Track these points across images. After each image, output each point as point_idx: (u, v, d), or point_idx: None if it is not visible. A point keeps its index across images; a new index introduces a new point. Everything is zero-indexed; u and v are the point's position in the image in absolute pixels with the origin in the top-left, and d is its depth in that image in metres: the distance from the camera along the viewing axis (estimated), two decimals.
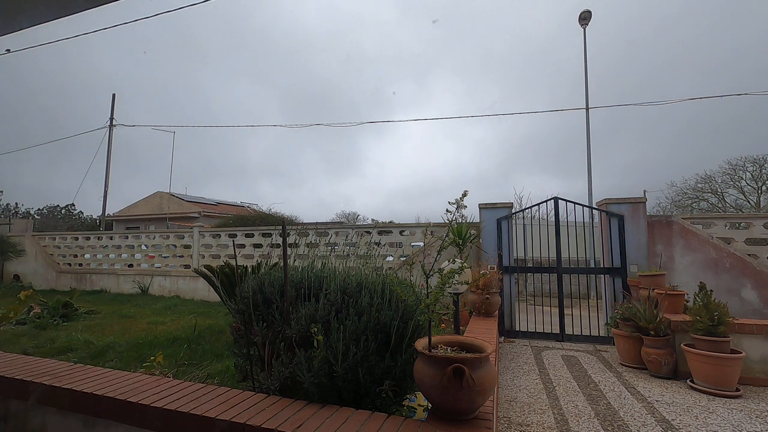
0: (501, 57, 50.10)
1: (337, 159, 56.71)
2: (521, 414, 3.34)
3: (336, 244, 8.61)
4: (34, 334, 5.78)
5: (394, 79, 49.57)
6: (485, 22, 43.80)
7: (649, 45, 34.84)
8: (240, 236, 10.20)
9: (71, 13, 2.05)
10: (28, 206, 31.81)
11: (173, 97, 56.65)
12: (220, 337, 5.40)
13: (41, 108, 46.84)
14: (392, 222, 9.08)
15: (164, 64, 50.64)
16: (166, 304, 8.90)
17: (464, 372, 1.48)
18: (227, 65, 55.79)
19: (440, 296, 1.83)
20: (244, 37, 58.57)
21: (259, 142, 65.74)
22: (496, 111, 33.06)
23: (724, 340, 3.82)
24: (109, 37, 37.17)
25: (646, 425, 3.11)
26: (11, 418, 2.13)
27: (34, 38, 11.07)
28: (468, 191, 1.92)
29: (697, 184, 19.45)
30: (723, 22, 33.11)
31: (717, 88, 38.16)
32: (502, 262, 6.49)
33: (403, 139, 57.36)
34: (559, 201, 6.34)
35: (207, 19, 51.90)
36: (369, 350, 1.91)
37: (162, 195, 23.25)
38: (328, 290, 2.22)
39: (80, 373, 2.18)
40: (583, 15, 11.02)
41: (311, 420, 1.60)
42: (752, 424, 3.11)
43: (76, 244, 12.49)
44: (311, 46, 56.41)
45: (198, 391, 1.90)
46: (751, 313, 5.76)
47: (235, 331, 2.41)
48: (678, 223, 6.36)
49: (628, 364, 4.67)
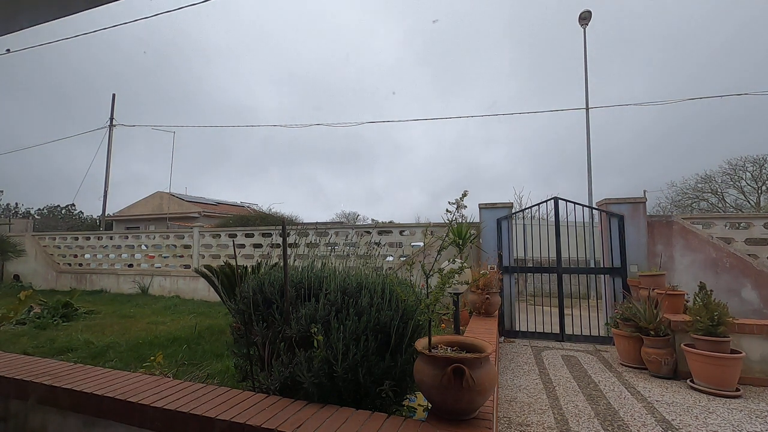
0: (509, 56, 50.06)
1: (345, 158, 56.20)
2: (521, 414, 3.34)
3: (336, 244, 8.61)
4: (34, 334, 5.78)
5: (394, 80, 49.51)
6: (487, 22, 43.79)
7: (649, 45, 34.87)
8: (240, 236, 10.20)
9: (71, 13, 2.05)
10: (28, 206, 31.86)
11: (173, 97, 56.66)
12: (220, 337, 5.40)
13: (41, 108, 46.89)
14: (392, 222, 9.08)
15: (164, 64, 50.66)
16: (166, 304, 8.90)
17: (464, 372, 1.48)
18: (227, 65, 55.78)
19: (440, 296, 1.83)
20: (245, 37, 58.59)
21: (259, 142, 65.74)
22: (495, 111, 33.06)
23: (724, 340, 3.82)
24: (109, 37, 37.16)
25: (646, 425, 3.11)
26: (11, 418, 2.13)
27: (34, 38, 11.08)
28: (468, 191, 1.92)
29: (697, 184, 19.44)
30: (723, 21, 33.13)
31: (717, 88, 38.18)
32: (502, 262, 6.49)
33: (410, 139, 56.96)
34: (559, 201, 6.34)
35: (207, 20, 51.92)
36: (369, 350, 1.91)
37: (162, 195, 23.24)
38: (328, 290, 2.22)
39: (80, 373, 2.18)
40: (583, 15, 11.02)
41: (311, 420, 1.60)
42: (752, 424, 3.11)
43: (76, 244, 12.49)
44: (311, 46, 56.43)
45: (198, 391, 1.90)
46: (751, 313, 5.76)
47: (235, 331, 2.42)
48: (678, 223, 6.36)
49: (628, 364, 4.67)
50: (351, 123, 16.37)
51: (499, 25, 49.53)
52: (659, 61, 33.72)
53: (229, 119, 72.97)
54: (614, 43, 34.30)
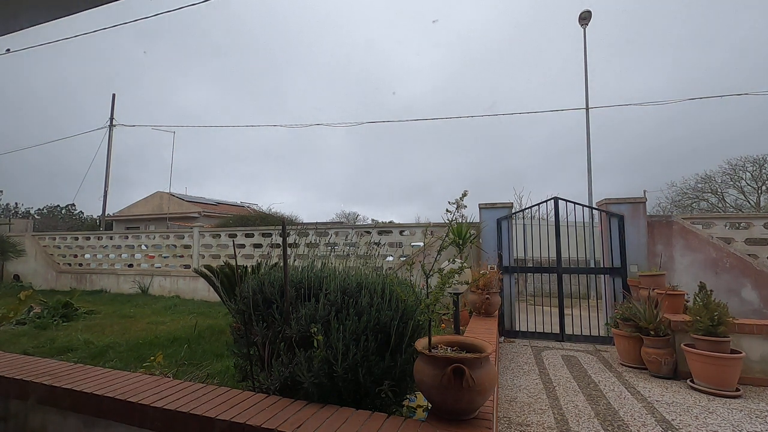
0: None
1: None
2: (521, 414, 3.34)
3: (336, 244, 8.61)
4: (34, 334, 5.78)
5: (395, 80, 49.42)
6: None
7: (649, 44, 34.86)
8: (240, 236, 10.20)
9: (71, 13, 2.05)
10: (28, 206, 31.87)
11: (174, 96, 56.65)
12: (220, 337, 5.40)
13: (41, 108, 46.88)
14: (392, 222, 9.08)
15: (164, 64, 50.64)
16: (166, 304, 8.90)
17: (464, 372, 1.48)
18: (229, 64, 55.73)
19: (440, 296, 1.83)
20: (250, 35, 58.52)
21: (261, 141, 65.71)
22: (495, 111, 33.01)
23: (724, 340, 3.82)
24: (110, 37, 37.19)
25: (646, 425, 3.11)
26: (11, 418, 2.13)
27: (34, 38, 11.07)
28: (468, 191, 1.92)
29: (697, 184, 19.43)
30: (722, 21, 33.12)
31: (717, 87, 38.17)
32: (502, 262, 6.49)
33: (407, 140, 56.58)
34: (559, 201, 6.34)
35: (206, 20, 51.87)
36: (369, 350, 1.90)
37: (162, 195, 23.24)
38: (328, 290, 2.22)
39: (80, 373, 2.18)
40: (583, 15, 11.02)
41: (311, 420, 1.60)
42: (752, 424, 3.11)
43: (76, 244, 12.49)
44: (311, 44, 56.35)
45: (198, 391, 1.90)
46: (751, 313, 5.76)
47: (235, 331, 2.42)
48: (678, 223, 6.35)
49: (628, 364, 4.67)
50: (351, 123, 16.35)
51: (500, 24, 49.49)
52: (659, 61, 33.74)
53: (227, 119, 72.81)
54: (614, 43, 34.32)
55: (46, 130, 43.58)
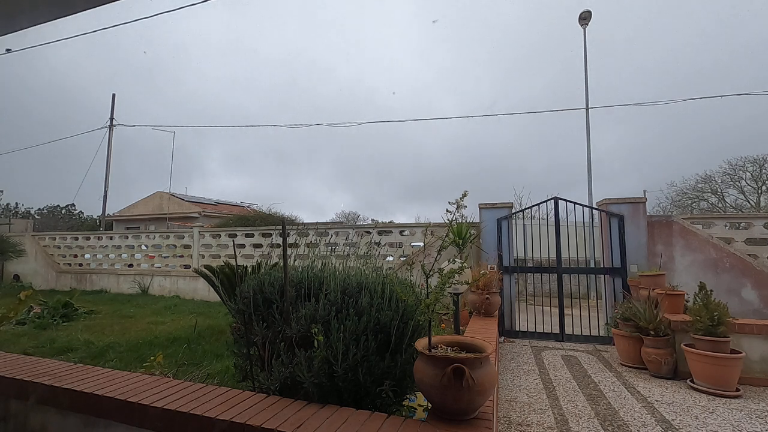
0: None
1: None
2: (521, 414, 3.34)
3: (336, 244, 8.60)
4: (34, 334, 5.78)
5: (395, 80, 49.42)
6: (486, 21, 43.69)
7: (648, 44, 34.87)
8: (240, 236, 10.20)
9: (71, 13, 2.05)
10: (28, 206, 31.84)
11: (173, 97, 56.63)
12: (220, 337, 5.40)
13: (41, 108, 46.88)
14: (392, 222, 9.08)
15: (164, 63, 50.62)
16: (166, 304, 8.90)
17: (464, 372, 1.48)
18: (229, 64, 55.73)
19: (440, 296, 1.83)
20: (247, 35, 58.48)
21: (261, 142, 65.67)
22: (495, 111, 33.02)
23: (724, 340, 3.82)
24: (110, 37, 37.15)
25: (646, 425, 3.11)
26: (11, 418, 2.13)
27: (34, 38, 11.08)
28: (467, 191, 1.92)
29: (697, 184, 19.43)
30: (723, 21, 33.10)
31: (717, 87, 38.15)
32: (502, 262, 6.49)
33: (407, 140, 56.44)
34: (559, 201, 6.34)
35: (206, 19, 51.88)
36: (369, 350, 1.91)
37: (162, 195, 23.24)
38: (328, 290, 2.22)
39: (80, 373, 2.18)
40: (583, 15, 11.02)
41: (311, 420, 1.60)
42: (752, 424, 3.11)
43: (76, 244, 12.49)
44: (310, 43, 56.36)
45: (198, 391, 1.90)
46: (751, 313, 5.76)
47: (235, 331, 2.42)
48: (678, 223, 6.35)
49: (628, 364, 4.67)
50: (351, 123, 16.32)
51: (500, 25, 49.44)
52: (659, 61, 33.72)
53: (228, 119, 72.79)
54: (615, 43, 34.32)
55: (46, 130, 43.59)
